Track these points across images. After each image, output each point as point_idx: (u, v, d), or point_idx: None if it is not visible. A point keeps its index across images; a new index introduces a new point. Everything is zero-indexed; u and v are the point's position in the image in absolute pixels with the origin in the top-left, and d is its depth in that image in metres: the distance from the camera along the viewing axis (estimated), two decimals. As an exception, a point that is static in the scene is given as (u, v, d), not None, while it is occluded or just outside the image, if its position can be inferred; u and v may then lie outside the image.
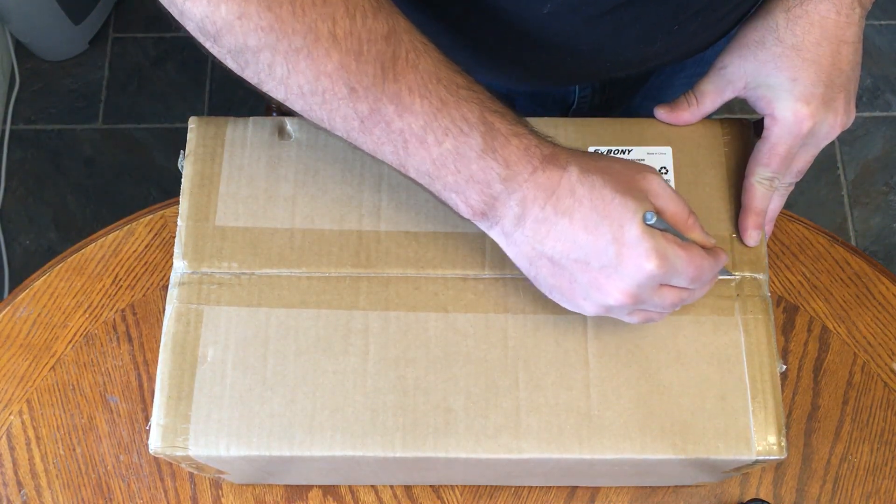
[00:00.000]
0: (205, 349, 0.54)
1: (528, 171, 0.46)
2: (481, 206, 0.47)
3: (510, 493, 0.70)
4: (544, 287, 0.50)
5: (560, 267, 0.48)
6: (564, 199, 0.46)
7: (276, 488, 0.69)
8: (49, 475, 0.70)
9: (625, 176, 0.47)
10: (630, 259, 0.45)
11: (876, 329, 0.74)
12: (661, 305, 0.49)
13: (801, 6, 0.55)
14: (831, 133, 0.56)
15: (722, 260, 0.51)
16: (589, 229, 0.46)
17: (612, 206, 0.45)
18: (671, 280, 0.47)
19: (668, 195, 0.48)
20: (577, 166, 0.47)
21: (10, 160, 1.60)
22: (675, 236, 0.47)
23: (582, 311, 0.50)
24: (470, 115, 0.46)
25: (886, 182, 1.60)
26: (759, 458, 0.52)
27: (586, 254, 0.46)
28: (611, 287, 0.47)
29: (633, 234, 0.45)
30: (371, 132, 0.46)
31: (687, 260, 0.46)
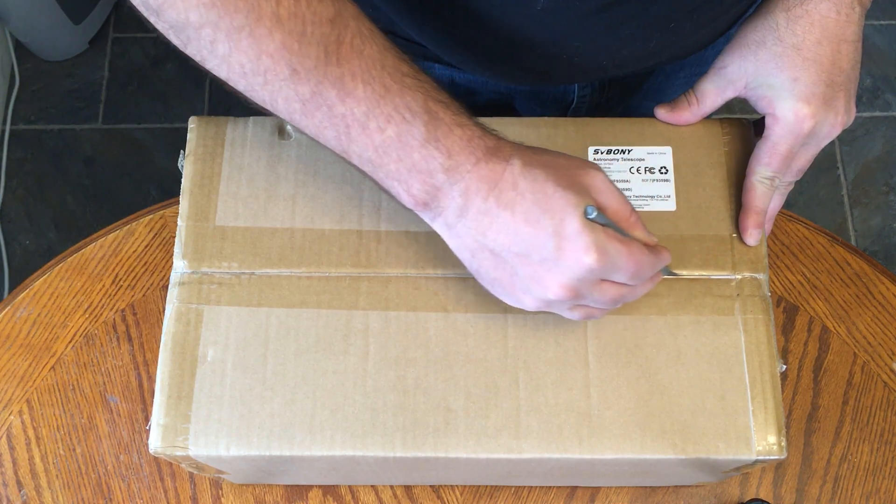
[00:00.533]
0: (205, 349, 0.54)
1: (471, 163, 0.46)
2: (424, 196, 0.47)
3: (510, 493, 0.70)
4: (486, 281, 0.50)
5: (501, 260, 0.48)
6: (507, 191, 0.46)
7: (276, 488, 0.69)
8: (49, 475, 0.70)
9: (568, 171, 0.47)
10: (569, 252, 0.45)
11: (876, 329, 0.74)
12: (601, 301, 0.49)
13: (802, 6, 0.55)
14: (832, 132, 0.56)
15: (664, 258, 0.51)
16: (530, 222, 0.45)
17: (553, 199, 0.45)
18: (611, 275, 0.47)
19: (611, 192, 0.48)
20: (520, 159, 0.47)
21: (10, 160, 1.60)
22: (616, 232, 0.47)
23: (523, 305, 0.50)
24: (413, 104, 0.46)
25: (886, 182, 1.60)
26: (759, 458, 0.52)
27: (527, 247, 0.46)
28: (550, 280, 0.47)
29: (573, 227, 0.45)
30: (313, 115, 0.46)
31: (627, 255, 0.46)
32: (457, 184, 0.46)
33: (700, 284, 0.56)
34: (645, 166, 0.59)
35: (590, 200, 0.46)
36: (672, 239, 0.57)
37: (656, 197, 0.58)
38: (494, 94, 0.76)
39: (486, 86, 0.74)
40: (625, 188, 0.58)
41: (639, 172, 0.59)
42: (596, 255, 0.45)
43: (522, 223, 0.46)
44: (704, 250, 0.57)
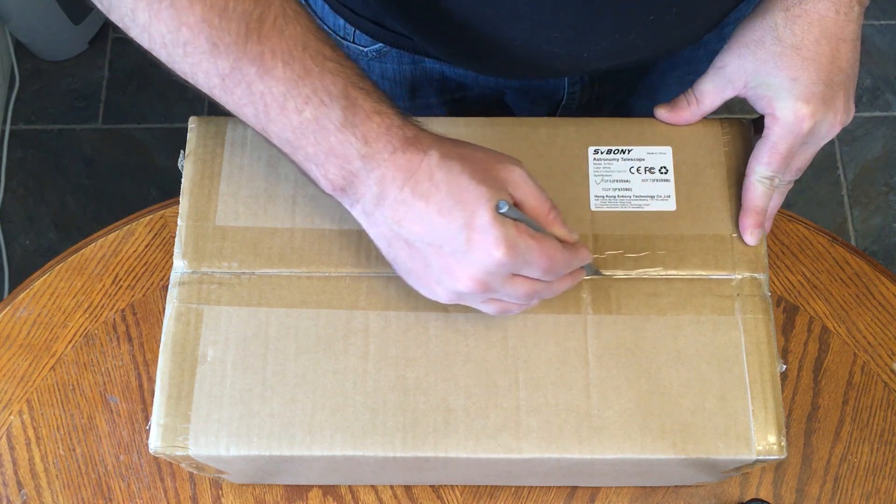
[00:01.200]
0: (205, 349, 0.54)
1: (389, 151, 0.46)
2: (341, 181, 0.47)
3: (510, 493, 0.70)
4: (402, 271, 0.50)
5: (416, 250, 0.48)
6: (422, 182, 0.46)
7: (276, 488, 0.69)
8: (49, 475, 0.70)
9: (486, 164, 0.47)
10: (479, 245, 0.45)
11: (876, 329, 0.74)
12: (514, 296, 0.49)
13: (800, 5, 0.55)
14: (831, 131, 0.56)
15: (583, 256, 0.51)
16: (443, 213, 0.46)
17: (466, 192, 0.45)
18: (522, 270, 0.47)
19: (529, 187, 0.48)
20: (438, 151, 0.47)
21: (10, 160, 1.60)
22: (530, 227, 0.47)
23: (436, 297, 0.50)
24: (333, 88, 0.46)
25: (886, 182, 1.60)
26: (759, 457, 0.52)
27: (439, 238, 0.46)
28: (461, 273, 0.47)
29: (483, 220, 0.45)
30: (232, 92, 0.47)
31: (538, 251, 0.47)
32: (373, 171, 0.47)
33: (700, 284, 0.56)
34: (645, 166, 0.59)
35: (504, 195, 0.46)
36: (672, 239, 0.57)
37: (656, 197, 0.58)
38: (485, 88, 0.76)
39: (476, 80, 0.74)
40: (625, 188, 0.58)
41: (639, 172, 0.59)
42: (504, 248, 0.45)
43: (436, 214, 0.46)
44: (704, 250, 0.57)
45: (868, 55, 1.69)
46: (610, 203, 0.58)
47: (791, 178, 0.59)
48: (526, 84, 0.75)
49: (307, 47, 0.46)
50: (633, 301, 0.55)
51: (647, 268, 0.56)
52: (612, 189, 0.58)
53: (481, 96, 0.77)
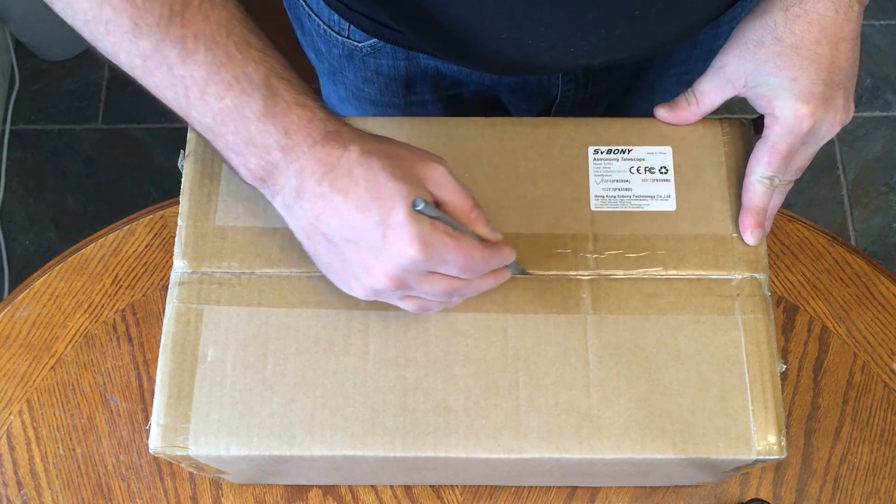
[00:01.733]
0: (205, 349, 0.54)
1: (308, 144, 0.46)
2: (260, 171, 0.47)
3: (510, 493, 0.70)
4: (322, 266, 0.50)
5: (333, 245, 0.48)
6: (342, 177, 0.46)
7: (276, 488, 0.69)
8: (49, 475, 0.70)
9: (406, 161, 0.47)
10: (393, 242, 0.45)
11: (876, 329, 0.74)
12: (432, 293, 0.49)
13: (800, 5, 0.55)
14: (831, 131, 0.56)
15: (505, 255, 0.51)
16: (360, 209, 0.45)
17: (384, 188, 0.45)
18: (438, 268, 0.47)
19: (451, 186, 0.48)
20: (358, 147, 0.47)
21: (10, 160, 1.60)
22: (448, 226, 0.47)
23: (354, 293, 0.50)
24: (255, 76, 0.46)
25: (886, 182, 1.60)
26: (759, 457, 0.52)
27: (356, 233, 0.46)
28: (376, 269, 0.47)
29: (399, 218, 0.45)
30: (153, 74, 0.47)
31: (455, 249, 0.46)
32: (293, 163, 0.46)
33: (700, 284, 0.56)
34: (645, 166, 0.59)
35: (423, 193, 0.46)
36: (672, 239, 0.57)
37: (656, 197, 0.58)
38: (479, 85, 0.76)
39: (470, 77, 0.74)
40: (625, 188, 0.58)
41: (639, 172, 0.59)
42: (419, 246, 0.45)
43: (354, 210, 0.46)
44: (704, 250, 0.57)
45: (868, 55, 1.69)
46: (610, 203, 0.58)
47: (791, 177, 0.59)
48: (520, 81, 0.75)
49: (232, 34, 0.46)
50: (633, 301, 0.55)
51: (647, 268, 0.56)
52: (612, 189, 0.58)
53: (476, 93, 0.77)
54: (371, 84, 0.76)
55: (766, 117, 0.56)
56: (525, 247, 0.56)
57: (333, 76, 0.80)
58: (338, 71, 0.78)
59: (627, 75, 0.76)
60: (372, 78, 0.76)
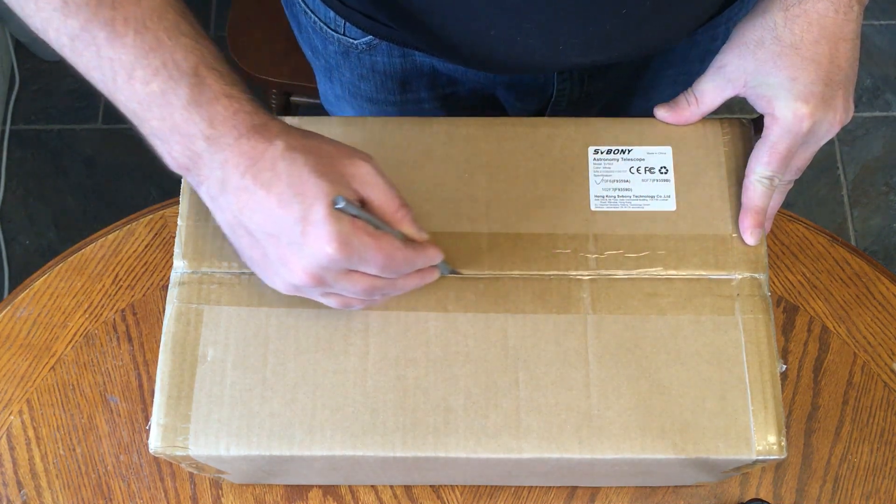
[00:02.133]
0: (205, 349, 0.54)
1: (233, 137, 0.46)
2: (185, 160, 0.47)
3: (510, 493, 0.70)
4: (246, 259, 0.50)
5: (255, 239, 0.47)
6: (265, 171, 0.46)
7: (276, 488, 0.69)
8: (49, 475, 0.70)
9: (332, 159, 0.47)
10: (312, 239, 0.45)
11: (876, 329, 0.74)
12: (352, 291, 0.49)
13: (800, 5, 0.55)
14: (831, 131, 0.56)
15: (430, 256, 0.51)
16: (282, 205, 0.45)
17: (306, 185, 0.45)
18: (358, 266, 0.47)
19: (377, 185, 0.48)
20: (284, 142, 0.46)
21: (10, 160, 1.60)
22: (370, 225, 0.47)
23: (276, 287, 0.50)
24: (184, 63, 0.46)
25: (886, 182, 1.60)
26: (759, 457, 0.52)
27: (277, 229, 0.46)
28: (295, 265, 0.46)
29: (318, 215, 0.45)
30: (81, 54, 0.47)
31: (375, 249, 0.46)
32: (217, 154, 0.46)
33: (700, 284, 0.56)
34: (645, 166, 0.59)
35: (346, 191, 0.46)
36: (672, 239, 0.57)
37: (656, 197, 0.58)
38: (475, 83, 0.76)
39: (466, 75, 0.74)
40: (625, 188, 0.58)
41: (639, 172, 0.59)
42: (337, 244, 0.45)
43: (275, 205, 0.45)
44: (704, 250, 0.57)
45: (868, 55, 1.69)
46: (610, 203, 0.58)
47: (791, 177, 0.59)
48: (515, 80, 0.75)
49: (163, 19, 0.46)
50: (633, 301, 0.55)
51: (647, 268, 0.56)
52: (612, 189, 0.58)
53: (472, 91, 0.77)
54: (367, 81, 0.76)
55: (765, 117, 0.56)
56: (525, 247, 0.56)
57: (330, 74, 0.80)
58: (334, 68, 0.78)
59: (624, 75, 0.76)
60: (368, 75, 0.76)
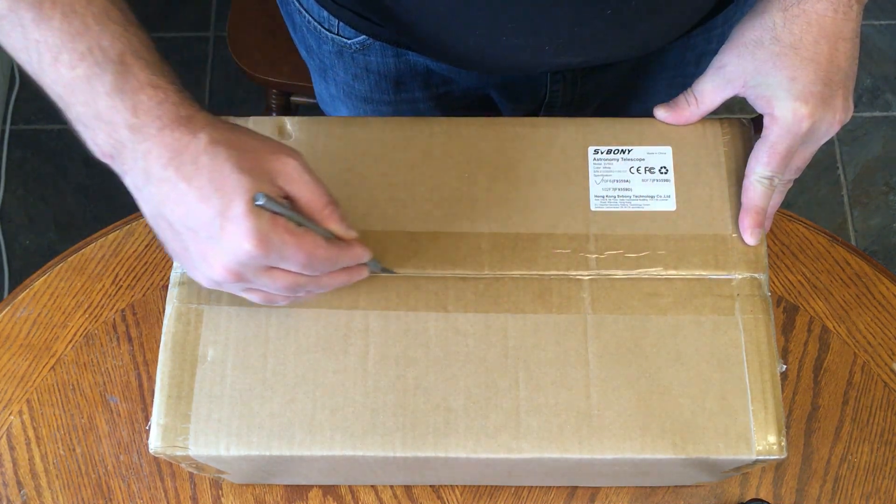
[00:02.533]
0: (205, 349, 0.54)
1: (156, 127, 0.46)
2: (109, 149, 0.47)
3: (510, 493, 0.70)
4: (170, 251, 0.50)
5: (176, 232, 0.47)
6: (187, 164, 0.45)
7: (276, 488, 0.69)
8: (49, 475, 0.70)
9: (256, 154, 0.47)
10: (230, 235, 0.45)
11: (876, 329, 0.74)
12: (274, 287, 0.48)
13: (799, 5, 0.55)
14: (830, 130, 0.56)
15: (356, 254, 0.50)
16: (202, 199, 0.45)
17: (227, 180, 0.45)
18: (277, 263, 0.47)
19: (304, 182, 0.47)
20: (208, 135, 0.46)
21: (10, 160, 1.60)
22: (292, 222, 0.46)
23: (198, 280, 0.49)
24: (110, 50, 0.46)
25: (886, 182, 1.60)
26: (759, 457, 0.52)
27: (197, 223, 0.46)
28: (214, 260, 0.46)
29: (237, 211, 0.44)
30: (9, 34, 0.46)
31: (295, 246, 0.46)
32: (140, 145, 0.46)
33: (700, 284, 0.56)
34: (645, 166, 0.59)
35: (268, 187, 0.46)
36: (672, 239, 0.57)
37: (656, 197, 0.58)
38: (469, 83, 0.76)
39: (459, 75, 0.74)
40: (625, 188, 0.58)
41: (639, 172, 0.59)
42: (255, 241, 0.44)
43: (195, 199, 0.45)
44: (704, 250, 0.57)
45: (868, 55, 1.69)
46: (610, 203, 0.58)
47: (791, 176, 0.59)
48: (507, 80, 0.75)
49: (92, 4, 0.46)
50: (633, 301, 0.55)
51: (647, 268, 0.56)
52: (612, 189, 0.58)
53: (467, 91, 0.77)
54: (361, 81, 0.76)
55: (765, 117, 0.56)
56: (525, 247, 0.56)
57: (324, 73, 0.79)
58: (328, 68, 0.78)
59: (618, 76, 0.76)
60: (362, 75, 0.75)
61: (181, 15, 1.72)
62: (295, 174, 0.47)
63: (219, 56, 1.69)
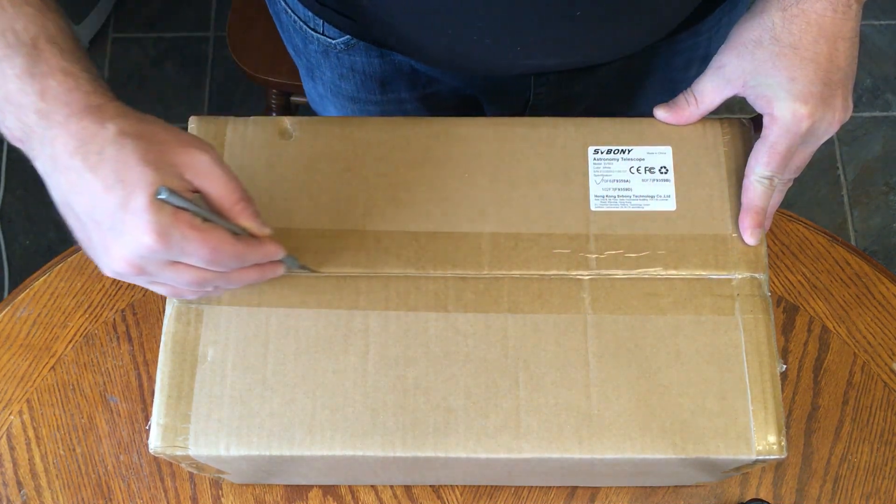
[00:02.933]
0: (205, 349, 0.54)
1: (64, 115, 0.45)
2: (18, 132, 0.46)
3: (510, 493, 0.70)
4: (78, 240, 0.49)
5: (82, 222, 0.47)
6: (93, 154, 0.44)
7: (276, 488, 0.69)
8: (49, 475, 0.70)
9: (165, 147, 0.46)
10: (130, 228, 0.44)
11: (876, 329, 0.74)
12: (178, 281, 0.48)
13: (798, 5, 0.55)
14: (830, 130, 0.56)
15: (267, 251, 0.50)
16: (105, 190, 0.44)
17: (132, 172, 0.44)
18: (180, 258, 0.46)
19: (215, 176, 0.47)
20: (116, 126, 0.45)
21: (10, 160, 1.60)
22: (198, 217, 0.46)
23: (103, 271, 0.49)
24: (23, 33, 0.45)
25: (886, 182, 1.60)
26: (759, 457, 0.52)
27: (99, 214, 0.45)
28: (115, 252, 0.46)
29: (138, 204, 0.44)
30: None
31: (198, 241, 0.45)
32: (48, 131, 0.45)
33: (700, 284, 0.56)
34: (645, 166, 0.59)
35: (174, 181, 0.45)
36: (672, 239, 0.57)
37: (656, 197, 0.58)
38: (454, 83, 0.76)
39: (444, 75, 0.74)
40: (625, 188, 0.58)
41: (639, 172, 0.59)
42: (155, 235, 0.44)
43: (99, 190, 0.44)
44: (704, 250, 0.57)
45: (868, 55, 1.69)
46: (610, 203, 0.58)
47: (790, 176, 0.59)
48: (491, 81, 0.74)
49: None
50: (633, 301, 0.55)
51: (647, 268, 0.56)
52: (612, 189, 0.58)
53: (454, 92, 0.77)
54: (347, 81, 0.76)
55: (764, 117, 0.56)
56: (525, 247, 0.56)
57: (312, 73, 0.79)
58: (315, 67, 0.77)
59: (603, 79, 0.75)
60: (348, 75, 0.75)
61: (181, 15, 1.72)
62: (205, 168, 0.46)
63: (219, 56, 1.69)
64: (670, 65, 0.76)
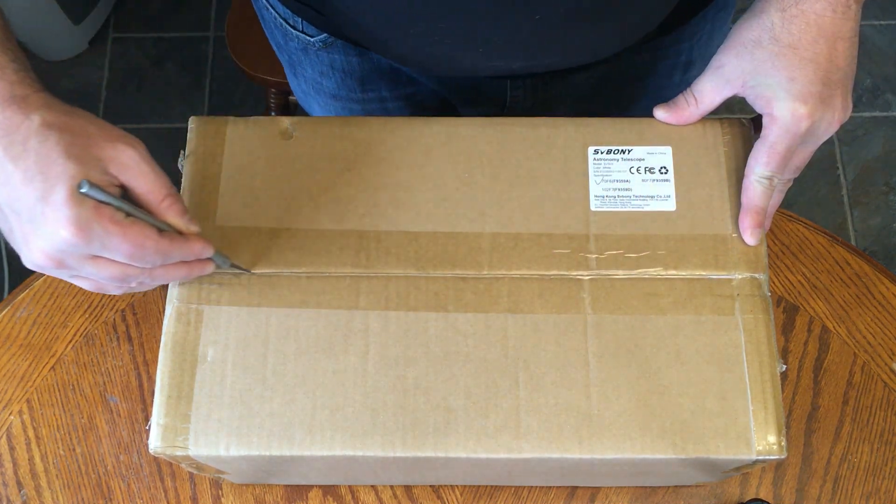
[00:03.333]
0: (205, 349, 0.54)
1: None
2: None
3: (510, 493, 0.70)
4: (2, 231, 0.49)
5: (3, 214, 0.47)
6: (16, 145, 0.44)
7: (276, 488, 0.69)
8: (49, 475, 0.70)
9: (90, 141, 0.46)
10: (50, 222, 0.44)
11: (876, 329, 0.74)
12: (100, 276, 0.48)
13: (797, 5, 0.55)
14: (830, 129, 0.56)
15: (193, 249, 0.49)
16: (26, 182, 0.44)
17: (53, 165, 0.44)
18: (101, 253, 0.46)
19: (140, 171, 0.47)
20: (42, 118, 0.45)
21: (10, 160, 1.59)
22: (121, 212, 0.45)
23: (25, 264, 0.48)
24: None
25: (886, 182, 1.60)
26: (759, 457, 0.52)
27: (20, 206, 0.45)
28: (34, 245, 0.46)
29: (59, 198, 0.43)
30: None
31: (119, 237, 0.45)
32: None
33: (700, 284, 0.56)
34: (645, 166, 0.59)
35: (97, 175, 0.45)
36: (672, 239, 0.57)
37: (656, 197, 0.58)
38: (432, 85, 0.75)
39: (421, 76, 0.74)
40: (625, 188, 0.58)
41: (639, 172, 0.59)
42: (73, 229, 0.44)
43: (20, 181, 0.44)
44: (704, 250, 0.57)
45: (868, 55, 1.69)
46: (610, 203, 0.58)
47: (790, 176, 0.59)
48: (464, 83, 0.74)
49: None
50: (633, 301, 0.55)
51: (647, 268, 0.56)
52: (612, 189, 0.58)
53: (433, 94, 0.77)
54: (328, 78, 0.76)
55: (764, 117, 0.56)
56: (525, 247, 0.56)
57: (294, 69, 0.79)
58: (297, 64, 0.77)
59: (582, 83, 0.75)
60: (328, 72, 0.75)
61: (181, 15, 1.72)
62: (130, 163, 0.46)
63: (219, 56, 1.69)
64: (655, 71, 0.76)
